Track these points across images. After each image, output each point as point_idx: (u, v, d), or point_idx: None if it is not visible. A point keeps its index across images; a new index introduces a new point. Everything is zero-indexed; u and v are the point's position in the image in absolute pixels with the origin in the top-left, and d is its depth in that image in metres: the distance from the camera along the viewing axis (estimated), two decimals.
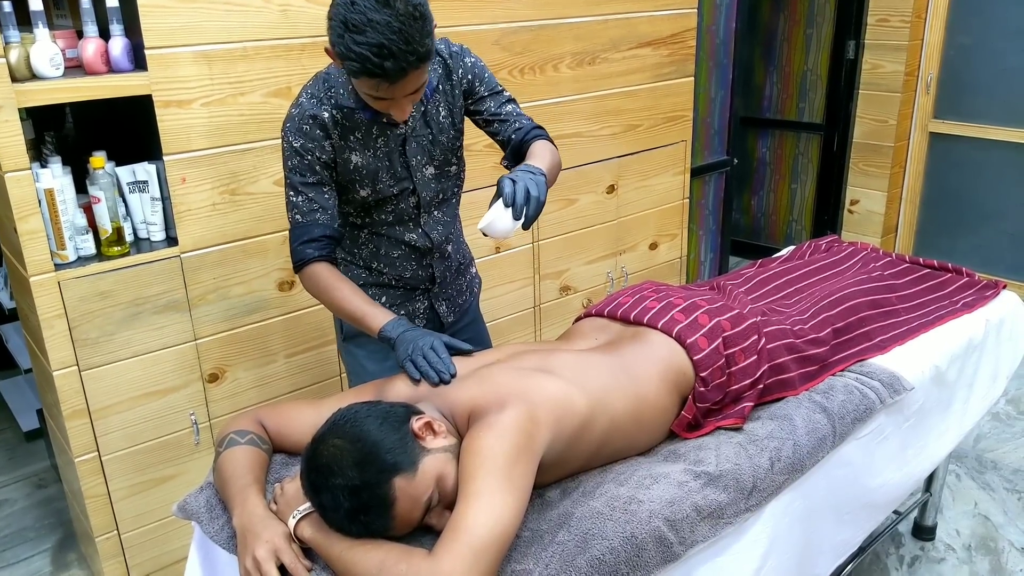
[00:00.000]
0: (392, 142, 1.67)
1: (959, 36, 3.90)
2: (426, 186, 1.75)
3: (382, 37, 1.36)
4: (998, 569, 2.32)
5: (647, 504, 1.36)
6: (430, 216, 1.79)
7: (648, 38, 2.97)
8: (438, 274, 1.85)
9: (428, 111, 1.69)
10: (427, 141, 1.71)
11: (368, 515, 1.20)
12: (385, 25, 1.36)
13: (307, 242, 1.63)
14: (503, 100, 1.76)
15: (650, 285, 1.83)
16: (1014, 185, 3.88)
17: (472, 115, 1.77)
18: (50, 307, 1.92)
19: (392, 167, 1.69)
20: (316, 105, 1.61)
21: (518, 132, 1.73)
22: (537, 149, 1.68)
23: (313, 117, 1.60)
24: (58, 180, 1.91)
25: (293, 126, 1.61)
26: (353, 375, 1.91)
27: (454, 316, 1.93)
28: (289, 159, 1.63)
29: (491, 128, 1.77)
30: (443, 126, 1.72)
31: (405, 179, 1.71)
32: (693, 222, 3.82)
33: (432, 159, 1.73)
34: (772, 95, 4.47)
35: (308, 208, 1.63)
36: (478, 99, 1.74)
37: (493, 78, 1.76)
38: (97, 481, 2.08)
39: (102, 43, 1.90)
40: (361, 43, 1.36)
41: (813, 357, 1.78)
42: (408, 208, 1.75)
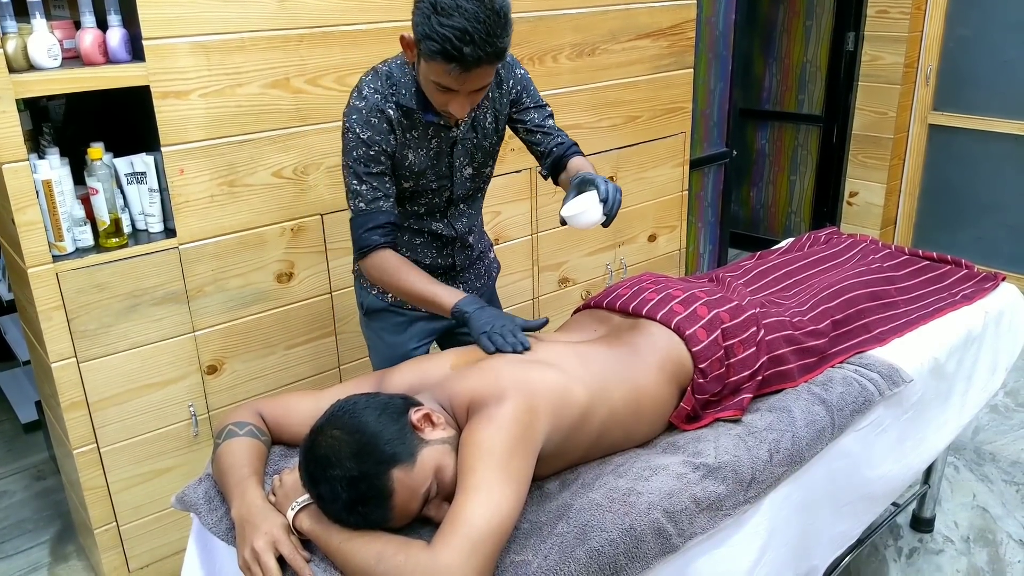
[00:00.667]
0: (444, 144, 1.75)
1: (959, 28, 3.89)
2: (462, 185, 1.84)
3: (467, 24, 1.43)
4: (996, 560, 2.33)
5: (646, 496, 1.36)
6: (456, 209, 1.87)
7: (647, 29, 2.96)
8: (459, 262, 1.93)
9: (476, 117, 1.77)
10: (471, 144, 1.80)
11: (366, 506, 1.20)
12: (472, 14, 1.44)
13: (372, 229, 1.69)
14: (546, 114, 1.87)
15: (649, 277, 1.83)
16: (1013, 177, 3.87)
17: (514, 123, 1.86)
18: (48, 299, 1.91)
19: (438, 167, 1.77)
20: (381, 101, 1.66)
21: (560, 147, 1.85)
22: (583, 164, 1.82)
23: (380, 111, 1.66)
24: (56, 171, 1.91)
25: (361, 118, 1.65)
26: (373, 349, 1.99)
27: None
28: (354, 149, 1.66)
29: (532, 138, 1.87)
30: (487, 131, 1.81)
31: (446, 178, 1.80)
32: (692, 214, 3.82)
33: (473, 161, 1.82)
34: (771, 87, 4.46)
35: (372, 196, 1.68)
36: (523, 109, 1.84)
37: (537, 91, 1.86)
38: (95, 473, 2.08)
39: (99, 34, 1.89)
40: (446, 25, 1.43)
41: (812, 349, 1.78)
42: (440, 202, 1.84)
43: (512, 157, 1.86)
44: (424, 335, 1.94)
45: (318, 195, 2.29)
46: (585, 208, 1.58)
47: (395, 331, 1.92)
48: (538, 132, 1.85)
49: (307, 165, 2.25)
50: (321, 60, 2.20)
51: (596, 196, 1.59)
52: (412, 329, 1.92)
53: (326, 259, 2.35)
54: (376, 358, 1.99)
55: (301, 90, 2.18)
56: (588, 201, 1.59)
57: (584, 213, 1.58)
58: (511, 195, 2.70)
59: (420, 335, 1.93)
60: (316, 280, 2.35)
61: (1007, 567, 2.30)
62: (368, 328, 1.98)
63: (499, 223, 2.70)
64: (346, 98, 2.24)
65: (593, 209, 1.58)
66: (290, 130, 2.20)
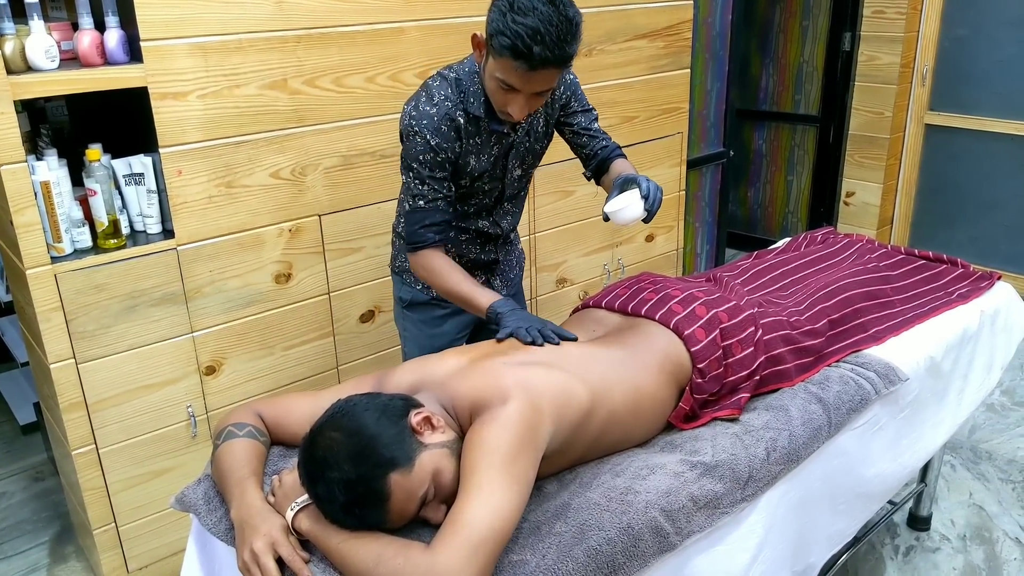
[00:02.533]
0: (502, 150, 1.81)
1: (955, 28, 3.90)
2: (511, 185, 1.92)
3: (540, 24, 1.49)
4: (992, 558, 2.33)
5: (643, 495, 1.36)
6: (502, 208, 1.95)
7: (644, 30, 2.96)
8: (501, 257, 2.02)
9: (532, 123, 1.82)
10: (524, 149, 1.87)
11: (363, 508, 1.20)
12: (547, 17, 1.49)
13: (428, 226, 1.76)
14: (592, 117, 1.94)
15: (647, 277, 1.84)
16: (1009, 177, 3.88)
17: (561, 126, 1.93)
18: (46, 300, 1.92)
19: (494, 170, 1.84)
20: (452, 108, 1.71)
21: (604, 149, 1.93)
22: (626, 166, 1.91)
23: (451, 120, 1.71)
24: (54, 173, 1.91)
25: (431, 125, 1.70)
26: (410, 338, 2.06)
27: (507, 290, 2.08)
28: (421, 154, 1.71)
29: (578, 140, 1.94)
30: (539, 135, 1.88)
31: (499, 180, 1.87)
32: (689, 214, 3.83)
33: (523, 163, 1.90)
34: (768, 87, 4.47)
35: (432, 196, 1.74)
36: (571, 113, 1.91)
37: (584, 95, 1.93)
38: (94, 474, 2.09)
39: (97, 35, 1.89)
40: (520, 23, 1.49)
41: (809, 348, 1.79)
42: (490, 202, 1.91)
43: None
44: (462, 327, 2.03)
45: (316, 196, 2.29)
46: (627, 204, 1.68)
47: (436, 323, 2.01)
48: (584, 135, 1.92)
49: (305, 166, 2.25)
50: (319, 61, 2.20)
51: (638, 193, 1.69)
52: (450, 321, 2.01)
53: (324, 260, 2.35)
54: (412, 347, 2.05)
55: (299, 91, 2.19)
56: (631, 198, 1.69)
57: (626, 209, 1.68)
58: None
59: (459, 326, 2.02)
60: (314, 281, 2.35)
61: (1003, 564, 2.31)
62: (406, 319, 2.05)
63: None
64: (343, 99, 2.27)
65: (635, 205, 1.68)
66: (288, 131, 2.20)
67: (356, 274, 2.42)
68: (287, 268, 2.29)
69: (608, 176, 1.92)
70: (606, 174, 1.93)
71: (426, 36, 2.38)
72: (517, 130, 1.80)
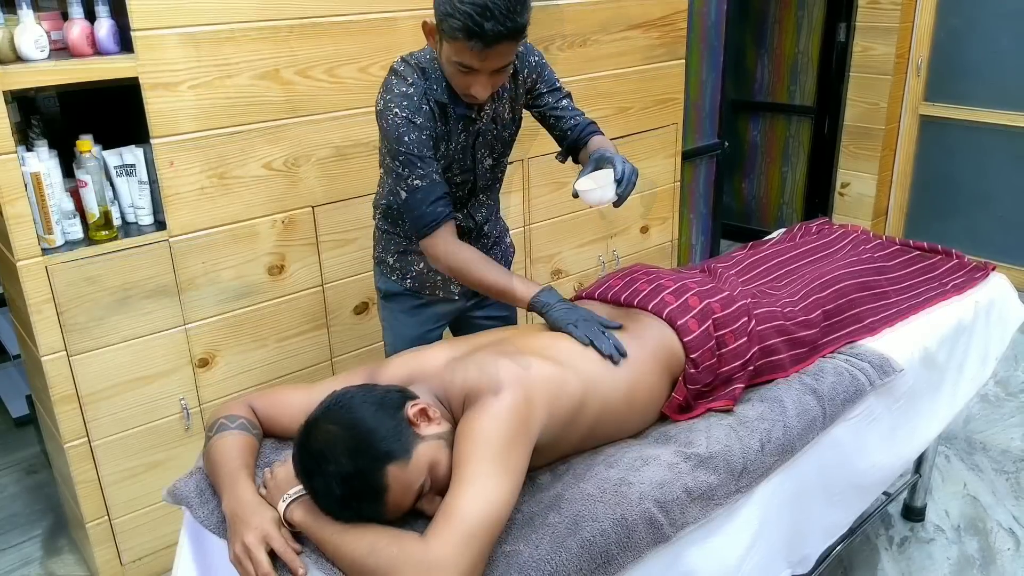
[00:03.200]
0: (469, 137, 1.76)
1: (950, 18, 3.90)
2: (483, 176, 1.86)
3: (487, 0, 1.45)
4: (987, 549, 2.34)
5: (637, 486, 1.36)
6: (476, 200, 1.89)
7: (638, 20, 2.95)
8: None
9: (496, 108, 1.78)
10: (491, 136, 1.81)
11: (360, 502, 1.20)
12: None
13: (435, 201, 1.67)
14: (561, 96, 1.88)
15: (640, 268, 1.83)
16: (1004, 168, 3.88)
17: (530, 108, 1.88)
18: (38, 292, 1.91)
19: (464, 160, 1.79)
20: (425, 90, 1.67)
21: (575, 128, 1.87)
22: (603, 143, 1.83)
23: (427, 99, 1.67)
24: (45, 164, 1.90)
25: (412, 104, 1.65)
26: (388, 328, 2.02)
27: None
28: (407, 133, 1.65)
29: (548, 122, 1.89)
30: (506, 122, 1.83)
31: (469, 171, 1.82)
32: (684, 206, 3.82)
33: (493, 152, 1.85)
34: (763, 78, 4.46)
35: (426, 172, 1.67)
36: (538, 95, 1.85)
37: (552, 73, 1.86)
38: (87, 467, 2.08)
39: (88, 25, 1.88)
40: (466, 2, 1.46)
41: (803, 339, 1.78)
42: (463, 195, 1.85)
43: None
44: (437, 319, 1.99)
45: (309, 187, 2.28)
46: (599, 185, 1.60)
47: (410, 313, 1.97)
48: (552, 116, 1.87)
49: (298, 157, 2.24)
50: (311, 52, 2.19)
51: (612, 175, 1.62)
52: (426, 312, 1.97)
53: (317, 252, 2.35)
54: (390, 337, 2.02)
55: (291, 82, 2.17)
56: (603, 178, 1.61)
57: (597, 190, 1.60)
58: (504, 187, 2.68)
59: (433, 319, 1.98)
60: (308, 273, 2.34)
61: (997, 555, 2.31)
62: (385, 310, 2.02)
63: None
64: (335, 90, 2.25)
65: (607, 187, 1.60)
66: (280, 122, 2.19)
67: (350, 266, 2.42)
68: (280, 260, 2.28)
69: (585, 152, 1.85)
70: (582, 151, 1.86)
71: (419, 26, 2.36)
72: (482, 116, 1.76)
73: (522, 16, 1.50)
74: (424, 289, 1.94)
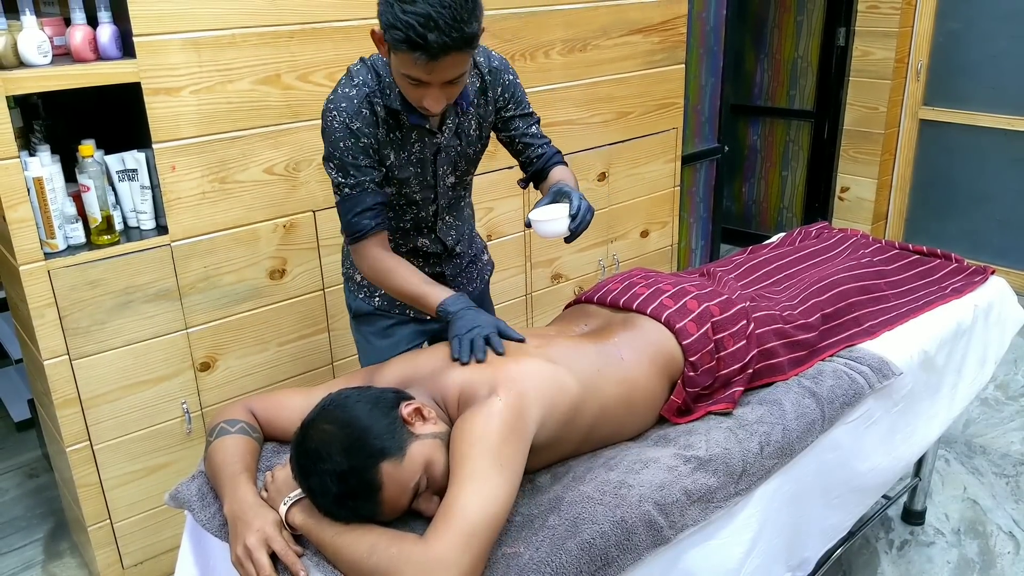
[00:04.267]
0: (427, 150, 1.69)
1: (949, 22, 3.91)
2: (444, 194, 1.79)
3: (431, 9, 1.37)
4: (986, 552, 2.34)
5: (637, 488, 1.36)
6: (443, 222, 1.83)
7: (639, 25, 2.96)
8: (448, 272, 1.89)
9: (461, 123, 1.71)
10: (455, 153, 1.74)
11: (355, 500, 1.20)
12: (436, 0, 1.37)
13: (362, 212, 1.63)
14: (531, 122, 1.82)
15: (639, 272, 1.84)
16: (1003, 171, 3.89)
17: (497, 130, 1.82)
18: (40, 296, 1.91)
19: (422, 175, 1.72)
20: (370, 94, 1.61)
21: (541, 158, 1.82)
22: (564, 175, 1.79)
23: (370, 103, 1.61)
24: (47, 168, 1.91)
25: (351, 107, 1.59)
26: (362, 352, 1.95)
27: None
28: (342, 140, 1.60)
29: (514, 147, 1.83)
30: (471, 139, 1.75)
31: (430, 188, 1.75)
32: (684, 210, 3.83)
33: (456, 169, 1.77)
34: (763, 82, 4.47)
35: (357, 180, 1.62)
36: (508, 118, 1.79)
37: (525, 97, 1.80)
38: (89, 470, 2.08)
39: (90, 30, 1.89)
40: (408, 12, 1.38)
41: (802, 342, 1.79)
42: (427, 216, 1.79)
43: (504, 153, 1.87)
44: (412, 338, 1.90)
45: (310, 191, 2.29)
46: (554, 217, 1.59)
47: (382, 335, 1.89)
48: (519, 142, 1.82)
49: (299, 161, 2.25)
50: (312, 56, 2.20)
51: (568, 209, 1.59)
52: (400, 332, 1.88)
53: (319, 256, 2.35)
54: (365, 361, 1.94)
55: (292, 86, 2.18)
56: (558, 211, 1.59)
57: (551, 222, 1.59)
58: (503, 191, 2.70)
59: (409, 338, 1.89)
60: (309, 277, 2.35)
61: (997, 558, 2.32)
62: (357, 331, 1.95)
63: (491, 219, 2.71)
64: None
65: (561, 220, 1.58)
66: (281, 126, 2.19)
67: None
68: (281, 264, 2.29)
69: (546, 183, 1.80)
70: (544, 181, 1.82)
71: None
72: (444, 131, 1.68)
73: (470, 25, 1.40)
74: (394, 308, 1.86)
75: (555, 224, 1.58)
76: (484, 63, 1.72)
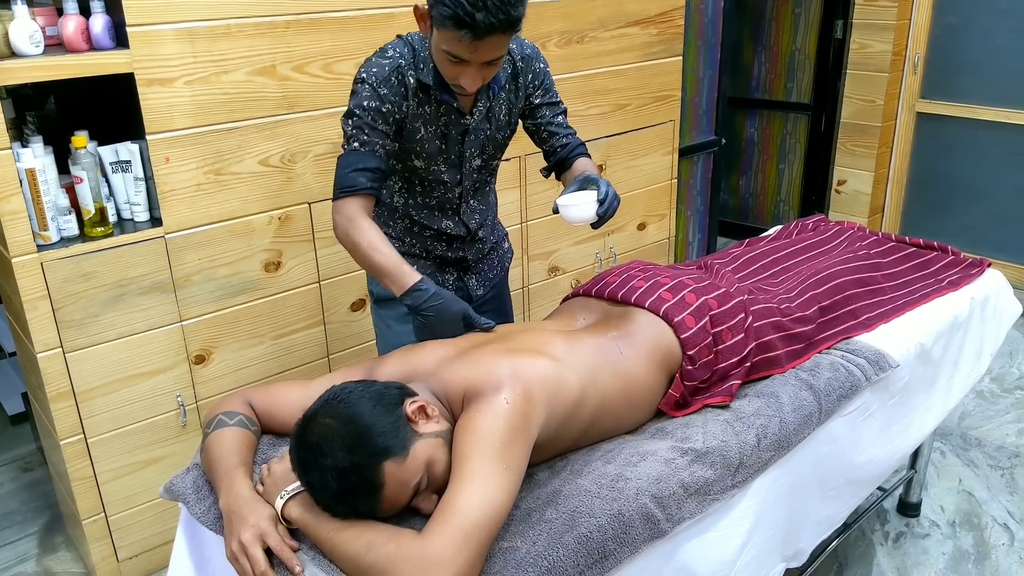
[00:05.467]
0: (455, 130, 1.71)
1: (946, 15, 3.90)
2: (469, 175, 1.81)
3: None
4: (981, 544, 2.35)
5: (634, 481, 1.36)
6: (468, 205, 1.85)
7: (636, 17, 2.95)
8: (470, 256, 1.91)
9: (492, 107, 1.74)
10: (484, 136, 1.77)
11: (355, 497, 1.19)
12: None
13: (361, 170, 1.61)
14: (558, 111, 1.85)
15: (637, 265, 1.83)
16: (1000, 165, 3.89)
17: (524, 117, 1.84)
18: (33, 289, 1.90)
19: (447, 153, 1.74)
20: (404, 67, 1.62)
21: (565, 147, 1.85)
22: (588, 166, 1.83)
23: (401, 75, 1.62)
24: (40, 160, 1.89)
25: (381, 73, 1.61)
26: (381, 336, 1.96)
27: (483, 290, 1.98)
28: (366, 100, 1.61)
29: (540, 135, 1.86)
30: (501, 124, 1.78)
31: (456, 168, 1.77)
32: (681, 202, 3.82)
33: (483, 153, 1.80)
34: (760, 75, 4.46)
35: (368, 139, 1.61)
36: (537, 105, 1.82)
37: (554, 86, 1.84)
38: (83, 463, 2.08)
39: (82, 20, 1.88)
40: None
41: (799, 335, 1.79)
42: (453, 197, 1.81)
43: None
44: None
45: (305, 183, 2.28)
46: (582, 203, 1.63)
47: (403, 321, 1.89)
48: (545, 131, 1.85)
49: (294, 153, 2.24)
50: (308, 47, 2.18)
51: (595, 195, 1.64)
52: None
53: (314, 248, 2.34)
54: (383, 345, 1.97)
55: (287, 77, 2.17)
56: (586, 197, 1.63)
57: (579, 207, 1.63)
58: (501, 183, 2.66)
59: None
60: (304, 269, 2.34)
61: (992, 550, 2.32)
62: (377, 315, 1.96)
63: None
64: (332, 86, 2.25)
65: (589, 206, 1.62)
66: (276, 118, 2.18)
67: (347, 262, 2.41)
68: (277, 256, 2.28)
69: (570, 174, 1.85)
70: (568, 171, 1.86)
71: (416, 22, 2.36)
72: (474, 113, 1.72)
73: (516, 9, 1.45)
74: None
75: (583, 209, 1.62)
76: (517, 50, 1.76)
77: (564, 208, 1.64)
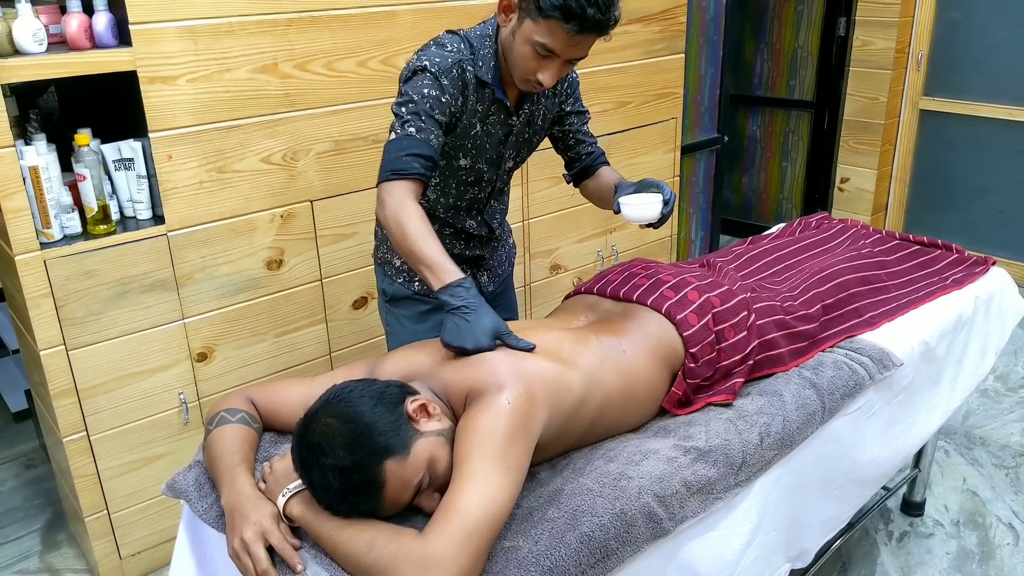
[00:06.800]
0: (501, 130, 1.72)
1: (949, 13, 3.89)
2: (502, 177, 1.83)
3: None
4: (986, 543, 2.34)
5: (636, 480, 1.36)
6: (491, 206, 1.87)
7: (639, 14, 2.95)
8: (487, 254, 1.93)
9: (534, 112, 1.75)
10: (523, 139, 1.78)
11: (357, 496, 1.19)
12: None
13: (416, 155, 1.55)
14: (585, 120, 1.88)
15: (639, 262, 1.83)
16: (1003, 162, 3.88)
17: (552, 123, 1.85)
18: (36, 286, 1.90)
19: (490, 153, 1.74)
20: (464, 61, 1.61)
21: (590, 155, 1.89)
22: (614, 174, 1.86)
23: (461, 69, 1.61)
24: (43, 158, 1.89)
25: (444, 64, 1.58)
26: (392, 334, 1.94)
27: (494, 286, 1.99)
28: (427, 87, 1.56)
29: (567, 141, 1.88)
30: (537, 128, 1.80)
31: (495, 166, 1.77)
32: (683, 200, 3.82)
33: (518, 155, 1.82)
34: (762, 72, 4.45)
35: (425, 127, 1.56)
36: (567, 112, 1.84)
37: (580, 95, 1.87)
38: (86, 461, 2.08)
39: (86, 18, 1.87)
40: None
41: (803, 333, 1.78)
42: (483, 197, 1.82)
43: None
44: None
45: (308, 181, 2.28)
46: (647, 202, 1.69)
47: (418, 320, 1.88)
48: (572, 138, 1.87)
49: (296, 151, 2.24)
50: (310, 45, 2.18)
51: (660, 197, 1.69)
52: (435, 317, 1.86)
53: (316, 246, 2.34)
54: (395, 343, 1.94)
55: (290, 75, 2.17)
56: (652, 198, 1.70)
57: (645, 205, 1.69)
58: None
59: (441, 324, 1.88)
60: (306, 267, 2.34)
61: (996, 549, 2.32)
62: (390, 314, 1.93)
63: None
64: (334, 84, 2.25)
65: (654, 206, 1.69)
66: (279, 116, 2.18)
67: (349, 260, 2.41)
68: (279, 254, 2.28)
69: (595, 182, 1.87)
70: (592, 180, 1.88)
71: (419, 20, 2.36)
72: (520, 115, 1.71)
73: (616, 10, 1.48)
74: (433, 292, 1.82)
75: (647, 208, 1.69)
76: None
77: (628, 207, 1.70)
